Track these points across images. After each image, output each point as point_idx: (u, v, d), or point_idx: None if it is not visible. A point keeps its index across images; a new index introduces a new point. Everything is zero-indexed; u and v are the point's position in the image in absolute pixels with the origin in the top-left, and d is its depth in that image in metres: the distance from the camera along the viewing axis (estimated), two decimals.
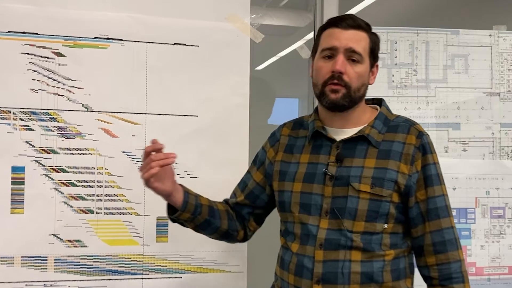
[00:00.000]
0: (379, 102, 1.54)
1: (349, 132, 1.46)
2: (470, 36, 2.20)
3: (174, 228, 1.86)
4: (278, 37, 2.36)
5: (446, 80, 2.18)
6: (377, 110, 1.51)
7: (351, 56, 1.41)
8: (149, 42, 1.88)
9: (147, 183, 1.42)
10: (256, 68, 2.24)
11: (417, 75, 2.17)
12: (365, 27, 1.45)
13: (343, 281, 1.37)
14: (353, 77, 1.41)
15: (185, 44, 1.92)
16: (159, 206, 1.87)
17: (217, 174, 1.91)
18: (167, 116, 1.89)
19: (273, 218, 1.64)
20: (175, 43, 1.91)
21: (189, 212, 1.50)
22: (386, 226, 1.40)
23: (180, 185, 1.52)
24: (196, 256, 1.90)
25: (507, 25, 2.24)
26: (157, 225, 1.87)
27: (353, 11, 2.38)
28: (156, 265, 1.87)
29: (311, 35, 2.20)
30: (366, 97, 1.51)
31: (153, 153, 1.41)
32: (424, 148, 1.42)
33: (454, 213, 1.57)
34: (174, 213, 1.51)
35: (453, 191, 2.09)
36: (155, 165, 1.39)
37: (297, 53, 2.18)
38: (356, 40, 1.42)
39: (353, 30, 1.42)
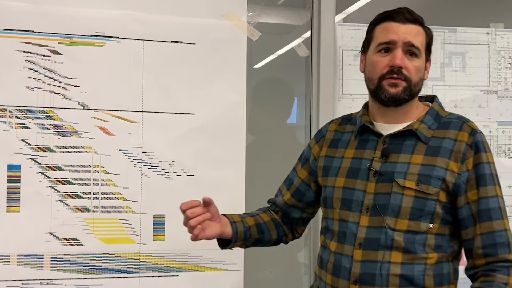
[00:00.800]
0: (431, 99, 1.49)
1: (398, 127, 1.41)
2: (468, 34, 2.19)
3: (170, 226, 1.87)
4: (275, 35, 2.35)
5: (443, 78, 2.18)
6: (430, 106, 1.47)
7: (410, 50, 1.38)
8: (146, 40, 1.88)
9: (197, 239, 1.41)
10: (254, 67, 2.23)
11: None
12: (421, 21, 1.42)
13: (381, 282, 1.32)
14: (412, 71, 1.37)
15: (181, 42, 1.91)
16: (156, 205, 1.87)
17: (214, 172, 1.91)
18: (163, 114, 1.89)
19: None
20: (171, 41, 1.90)
21: (240, 240, 1.52)
22: (431, 226, 1.33)
23: (224, 215, 1.51)
24: (193, 254, 1.90)
25: (505, 23, 2.23)
26: (154, 224, 1.87)
27: (350, 9, 2.37)
28: (152, 264, 1.87)
29: (308, 33, 2.19)
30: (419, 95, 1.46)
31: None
32: (477, 146, 1.35)
33: None
34: (226, 244, 1.52)
35: None
36: (194, 224, 1.38)
37: (294, 52, 2.18)
38: (414, 34, 1.38)
39: (411, 24, 1.38)
